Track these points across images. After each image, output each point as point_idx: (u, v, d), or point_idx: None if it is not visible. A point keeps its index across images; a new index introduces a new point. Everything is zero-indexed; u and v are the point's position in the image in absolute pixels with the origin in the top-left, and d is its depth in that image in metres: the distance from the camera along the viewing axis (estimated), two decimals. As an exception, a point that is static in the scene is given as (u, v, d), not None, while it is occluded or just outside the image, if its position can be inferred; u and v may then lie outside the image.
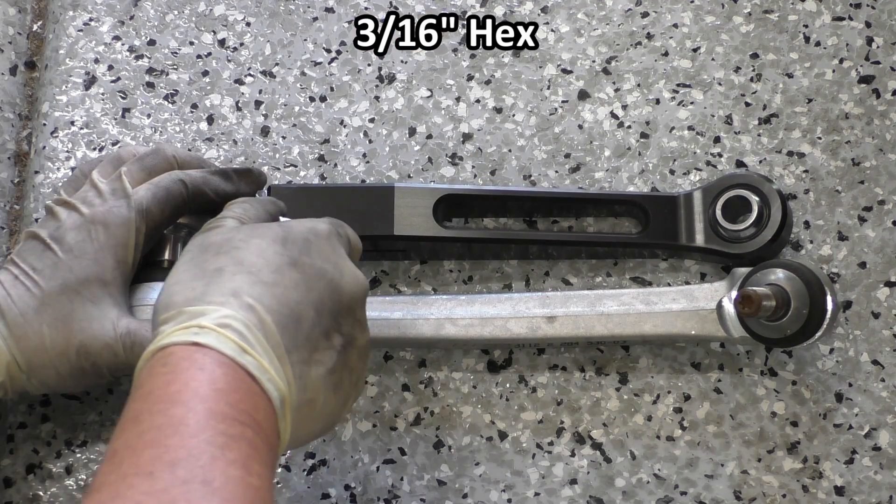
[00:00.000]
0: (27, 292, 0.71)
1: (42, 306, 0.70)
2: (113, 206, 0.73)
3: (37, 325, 0.70)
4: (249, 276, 0.61)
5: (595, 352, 0.83)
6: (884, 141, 0.87)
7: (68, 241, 0.72)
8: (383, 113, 0.89)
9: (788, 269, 0.76)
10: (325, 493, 0.80)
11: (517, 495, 0.80)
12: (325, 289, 0.63)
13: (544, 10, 0.92)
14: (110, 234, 0.72)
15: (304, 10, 0.92)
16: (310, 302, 0.62)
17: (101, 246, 0.72)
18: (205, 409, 0.54)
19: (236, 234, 0.64)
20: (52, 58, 0.91)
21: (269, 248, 0.63)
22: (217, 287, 0.60)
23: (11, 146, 0.91)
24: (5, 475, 0.80)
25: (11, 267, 0.72)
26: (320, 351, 0.62)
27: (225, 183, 0.77)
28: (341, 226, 0.70)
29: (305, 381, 0.61)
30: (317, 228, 0.66)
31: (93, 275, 0.71)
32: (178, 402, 0.54)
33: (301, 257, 0.63)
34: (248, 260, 0.62)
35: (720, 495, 0.79)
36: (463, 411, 0.82)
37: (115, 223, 0.72)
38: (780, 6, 0.91)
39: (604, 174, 0.87)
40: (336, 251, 0.66)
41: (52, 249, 0.72)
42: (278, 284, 0.61)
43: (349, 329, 0.65)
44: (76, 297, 0.71)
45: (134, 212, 0.72)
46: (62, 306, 0.70)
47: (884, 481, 0.79)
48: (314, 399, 0.61)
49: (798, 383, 0.82)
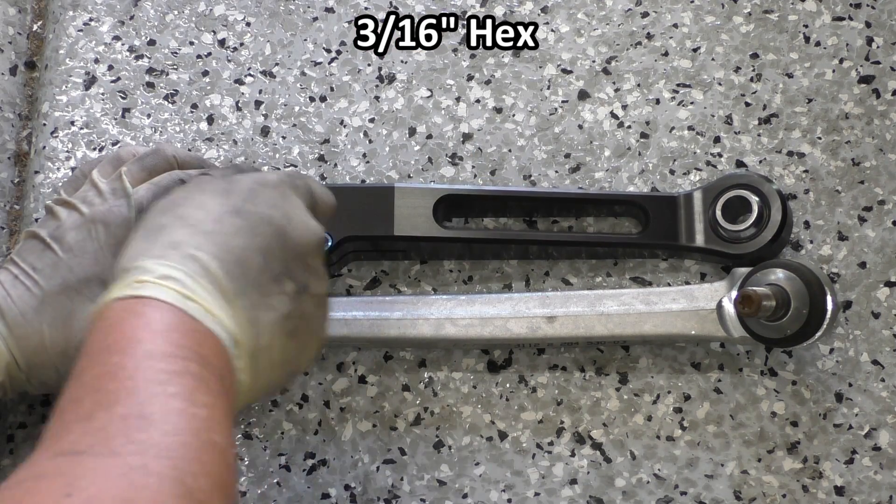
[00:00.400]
0: (27, 292, 0.71)
1: (42, 306, 0.70)
2: (113, 205, 0.73)
3: (37, 325, 0.70)
4: (190, 228, 0.61)
5: (595, 352, 0.83)
6: (884, 141, 0.87)
7: (68, 240, 0.72)
8: (383, 113, 0.89)
9: (788, 269, 0.76)
10: (325, 493, 0.80)
11: (517, 495, 0.80)
12: (271, 235, 0.63)
13: (544, 10, 0.92)
14: (110, 234, 0.72)
15: (304, 10, 0.92)
16: (255, 247, 0.62)
17: (101, 245, 0.72)
18: (143, 352, 0.55)
19: (179, 193, 0.65)
20: (52, 58, 0.91)
21: (211, 200, 0.63)
22: (158, 242, 0.61)
23: (11, 146, 0.91)
24: (5, 475, 0.80)
25: (11, 266, 0.72)
26: (272, 296, 0.62)
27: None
28: (301, 178, 0.69)
29: (259, 327, 0.61)
30: (265, 179, 0.67)
31: (93, 274, 0.71)
32: (115, 350, 0.55)
33: (244, 205, 0.64)
34: (189, 214, 0.62)
35: (720, 495, 0.79)
36: (463, 411, 0.82)
37: (115, 222, 0.72)
38: (780, 6, 0.91)
39: (604, 174, 0.87)
40: (287, 200, 0.66)
41: (52, 249, 0.72)
42: (219, 232, 0.61)
43: (302, 276, 0.65)
44: (77, 297, 0.71)
45: (134, 211, 0.72)
46: (63, 306, 0.70)
47: (884, 481, 0.79)
48: (271, 345, 0.62)
49: (798, 383, 0.82)
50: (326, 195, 0.71)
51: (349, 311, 0.80)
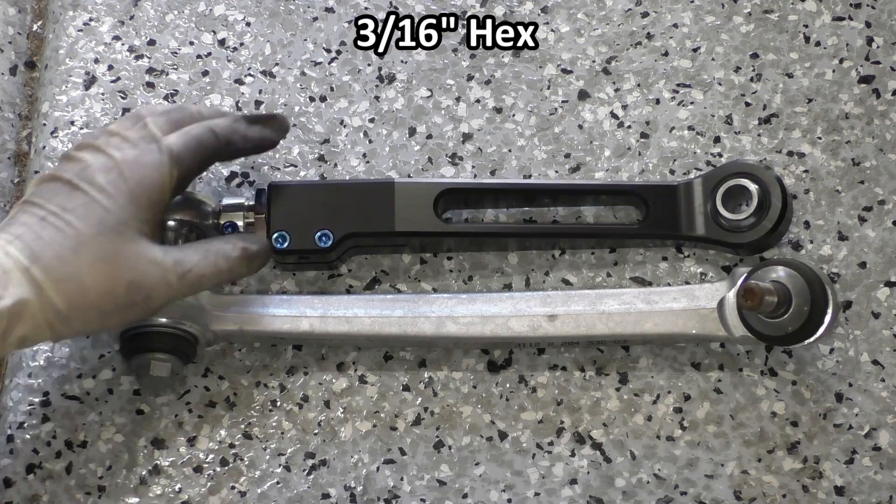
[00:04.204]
0: (59, 233, 0.69)
1: (80, 247, 0.68)
2: (144, 149, 0.72)
3: (76, 267, 0.68)
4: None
5: (595, 352, 0.83)
6: (884, 141, 0.87)
7: (99, 181, 0.70)
8: (383, 113, 0.89)
9: (790, 267, 0.76)
10: (325, 493, 0.80)
11: (517, 495, 0.80)
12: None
13: (544, 10, 0.92)
14: (144, 175, 0.71)
15: (304, 10, 0.92)
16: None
17: (136, 186, 0.71)
18: None
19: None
20: (52, 58, 0.91)
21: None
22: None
23: (11, 146, 0.91)
24: (5, 475, 0.80)
25: (33, 209, 0.70)
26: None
27: (251, 128, 0.78)
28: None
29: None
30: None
31: (130, 215, 0.70)
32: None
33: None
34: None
35: (720, 495, 0.79)
36: (463, 411, 0.82)
37: (149, 164, 0.71)
38: (780, 6, 0.91)
39: (604, 174, 0.87)
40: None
41: (82, 189, 0.70)
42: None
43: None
44: (117, 238, 0.69)
45: (166, 155, 0.72)
46: (102, 247, 0.69)
47: (884, 481, 0.79)
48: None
49: (798, 383, 0.82)
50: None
51: (350, 309, 0.80)
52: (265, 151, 0.82)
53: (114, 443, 0.81)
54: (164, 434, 0.81)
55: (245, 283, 0.84)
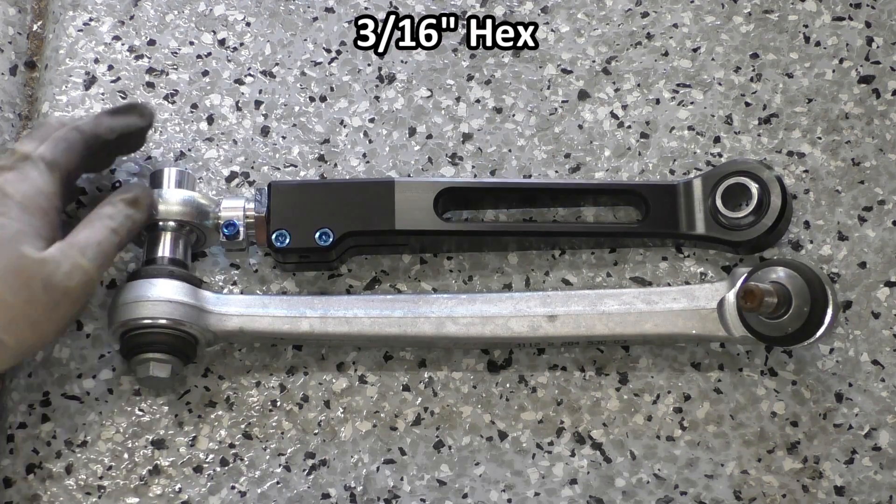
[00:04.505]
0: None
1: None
2: (20, 167, 0.75)
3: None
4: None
5: (595, 352, 0.83)
6: (884, 141, 0.87)
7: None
8: (383, 113, 0.89)
9: (790, 268, 0.76)
10: (325, 493, 0.80)
11: (517, 495, 0.80)
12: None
13: (544, 10, 0.92)
14: (28, 187, 0.74)
15: (304, 10, 0.92)
16: None
17: (23, 198, 0.73)
18: None
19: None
20: (52, 58, 0.91)
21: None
22: None
23: (11, 146, 0.91)
24: (5, 475, 0.80)
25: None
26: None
27: (114, 118, 0.80)
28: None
29: None
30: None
31: (25, 224, 0.72)
32: None
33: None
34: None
35: (720, 495, 0.79)
36: (463, 411, 0.82)
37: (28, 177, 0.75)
38: (780, 6, 0.91)
39: (604, 174, 0.87)
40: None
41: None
42: None
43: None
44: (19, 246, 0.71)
45: (41, 164, 0.75)
46: (8, 258, 0.71)
47: (884, 481, 0.79)
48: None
49: (798, 383, 0.82)
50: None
51: (350, 310, 0.80)
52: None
53: (114, 443, 0.81)
54: (164, 434, 0.81)
55: (245, 283, 0.84)
